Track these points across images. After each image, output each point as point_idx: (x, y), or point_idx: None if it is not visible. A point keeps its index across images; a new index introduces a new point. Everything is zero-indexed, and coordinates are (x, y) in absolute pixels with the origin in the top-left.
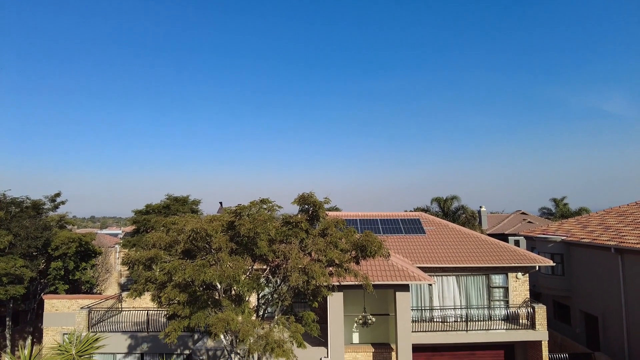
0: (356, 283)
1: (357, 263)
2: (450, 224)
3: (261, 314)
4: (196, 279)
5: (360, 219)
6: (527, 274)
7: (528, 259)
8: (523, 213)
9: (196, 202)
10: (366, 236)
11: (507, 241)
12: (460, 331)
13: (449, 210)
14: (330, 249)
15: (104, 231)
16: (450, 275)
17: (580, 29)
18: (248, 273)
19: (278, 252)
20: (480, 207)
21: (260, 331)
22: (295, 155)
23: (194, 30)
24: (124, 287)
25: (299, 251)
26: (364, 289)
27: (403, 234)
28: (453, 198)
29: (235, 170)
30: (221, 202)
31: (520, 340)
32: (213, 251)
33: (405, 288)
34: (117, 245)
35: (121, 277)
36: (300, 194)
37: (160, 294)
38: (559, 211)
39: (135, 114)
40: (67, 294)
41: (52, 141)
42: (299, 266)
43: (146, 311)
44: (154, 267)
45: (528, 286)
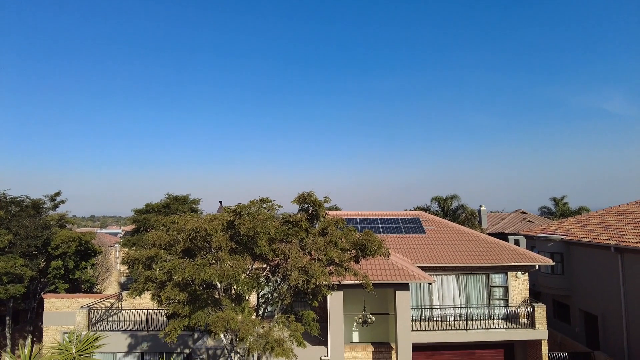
0: (356, 282)
1: (357, 262)
2: (450, 223)
3: (261, 313)
4: (196, 278)
5: (360, 218)
6: (527, 273)
7: (528, 258)
8: (523, 212)
9: (196, 201)
10: (366, 235)
11: (506, 240)
12: (460, 330)
13: (449, 210)
14: (330, 248)
15: (104, 230)
16: (450, 274)
17: (580, 29)
18: (248, 272)
19: (278, 251)
20: (480, 206)
21: (260, 330)
22: (295, 154)
23: (193, 30)
24: (124, 286)
25: (298, 250)
26: (364, 288)
27: (403, 233)
28: (453, 197)
29: (235, 169)
30: (221, 201)
31: (520, 339)
32: (213, 250)
33: (405, 287)
34: (117, 245)
35: (121, 276)
36: (300, 193)
37: (160, 293)
38: (559, 210)
39: (136, 113)
40: (67, 293)
41: (52, 140)
42: (299, 265)
43: (146, 310)
44: (154, 266)
45: (528, 285)
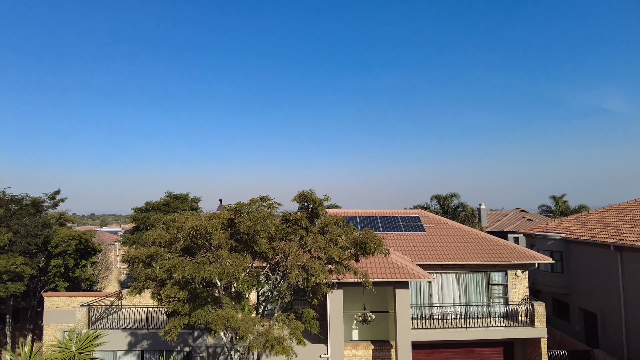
0: (356, 280)
1: (357, 260)
2: (450, 222)
3: (261, 311)
4: (196, 276)
5: (359, 217)
6: (527, 272)
7: (527, 256)
8: (522, 210)
9: (196, 200)
10: (366, 234)
11: (506, 239)
12: (459, 328)
13: (449, 208)
14: (330, 246)
15: (104, 229)
16: (449, 272)
17: (580, 27)
18: (248, 270)
19: (278, 249)
20: (480, 204)
21: (260, 328)
22: (295, 152)
23: (193, 28)
24: (124, 285)
25: (298, 249)
26: (364, 286)
27: (403, 231)
28: (453, 195)
29: (235, 167)
30: (221, 200)
31: (520, 337)
32: (213, 249)
33: (404, 285)
34: (117, 243)
35: (121, 274)
36: (300, 191)
37: (160, 292)
38: (559, 209)
39: (135, 112)
40: (67, 291)
41: (51, 139)
42: (299, 263)
43: (146, 308)
44: (154, 264)
45: (527, 283)
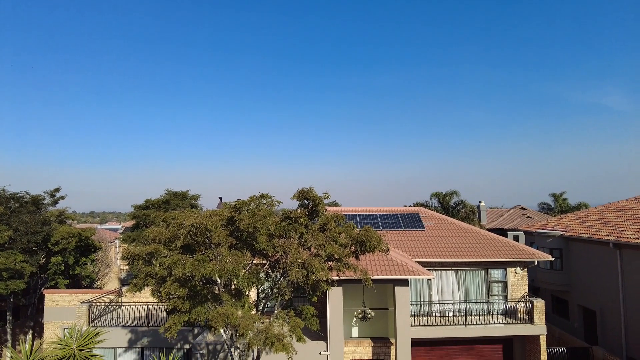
0: (355, 278)
1: (357, 258)
2: (450, 219)
3: (261, 308)
4: (196, 273)
5: (359, 214)
6: (526, 269)
7: (527, 253)
8: (522, 208)
9: (196, 197)
10: (365, 231)
11: (506, 236)
12: (459, 325)
13: (448, 205)
14: (330, 243)
15: (104, 226)
16: (449, 269)
17: (579, 25)
18: (248, 268)
19: (277, 247)
20: (480, 202)
21: (260, 325)
22: (295, 150)
23: (191, 26)
24: (124, 282)
25: (298, 246)
26: (363, 283)
27: (402, 229)
28: (452, 193)
29: (234, 165)
30: (221, 197)
31: (519, 334)
32: (213, 246)
33: (404, 282)
34: (116, 240)
35: (121, 271)
36: (300, 189)
37: (160, 289)
38: (558, 206)
39: (135, 109)
40: (67, 288)
41: (51, 137)
42: (299, 261)
43: (146, 306)
44: (154, 261)
45: (527, 281)
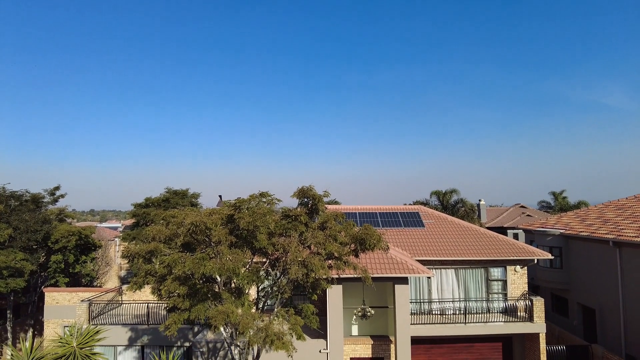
0: (355, 276)
1: (357, 256)
2: (450, 217)
3: (261, 306)
4: (196, 271)
5: (359, 213)
6: (526, 267)
7: (527, 252)
8: (522, 206)
9: (196, 196)
10: (365, 229)
11: (506, 234)
12: (458, 323)
13: (448, 204)
14: (330, 242)
15: (104, 224)
16: (449, 268)
17: (580, 24)
18: (248, 266)
19: (277, 245)
20: (480, 200)
21: (260, 323)
22: (295, 148)
23: (193, 25)
24: (124, 280)
25: (298, 244)
26: (363, 281)
27: (402, 227)
28: (452, 191)
29: (234, 163)
30: (220, 196)
31: (519, 332)
32: (213, 244)
33: (404, 281)
34: (117, 239)
35: (121, 270)
36: (300, 187)
37: (160, 287)
38: (558, 204)
39: (135, 108)
40: (67, 287)
41: (51, 135)
42: (299, 259)
43: (146, 304)
44: (154, 260)
45: (526, 279)
